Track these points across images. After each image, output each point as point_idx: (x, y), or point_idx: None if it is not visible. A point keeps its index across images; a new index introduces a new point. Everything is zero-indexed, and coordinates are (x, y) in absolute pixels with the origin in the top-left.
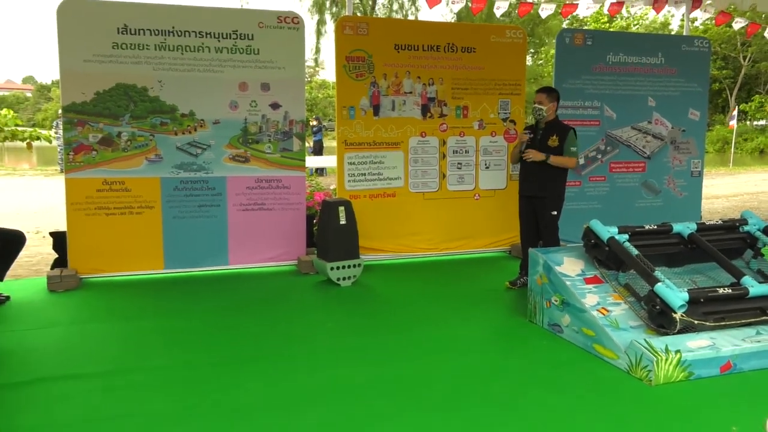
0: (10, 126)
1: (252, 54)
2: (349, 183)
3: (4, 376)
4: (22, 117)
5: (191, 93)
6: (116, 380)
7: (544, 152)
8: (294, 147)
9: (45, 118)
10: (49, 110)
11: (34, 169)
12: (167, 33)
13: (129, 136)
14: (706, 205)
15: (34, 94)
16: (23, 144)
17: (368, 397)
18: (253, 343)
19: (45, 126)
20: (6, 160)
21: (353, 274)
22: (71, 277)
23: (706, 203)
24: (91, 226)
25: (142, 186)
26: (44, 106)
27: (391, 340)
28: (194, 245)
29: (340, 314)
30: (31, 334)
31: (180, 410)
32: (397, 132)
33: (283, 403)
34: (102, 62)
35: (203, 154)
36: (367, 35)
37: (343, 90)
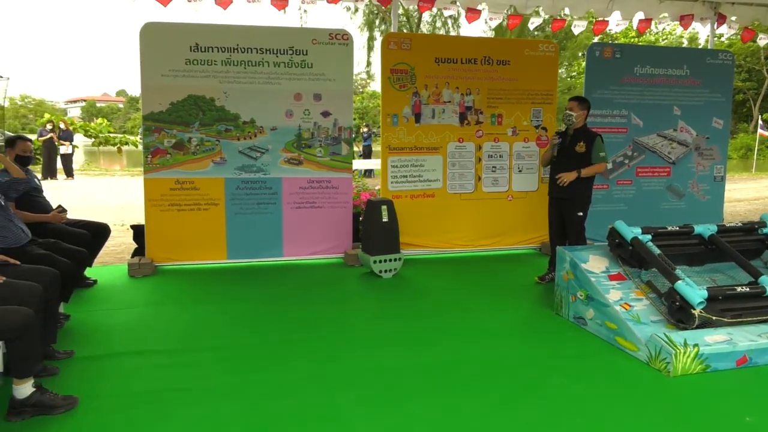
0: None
1: (306, 68)
2: (392, 184)
3: (90, 350)
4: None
5: (252, 103)
6: (182, 357)
7: (572, 157)
8: (342, 151)
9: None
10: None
11: (123, 170)
12: (232, 50)
13: (198, 141)
14: (728, 208)
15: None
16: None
17: (404, 378)
18: (303, 326)
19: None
20: (101, 162)
21: (394, 267)
22: (148, 264)
23: (728, 206)
24: (165, 221)
25: (209, 185)
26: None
27: (427, 327)
28: (253, 238)
29: (381, 303)
30: (113, 314)
31: (237, 385)
32: (436, 138)
33: (327, 381)
34: (176, 76)
35: (262, 157)
36: (410, 50)
37: (387, 99)
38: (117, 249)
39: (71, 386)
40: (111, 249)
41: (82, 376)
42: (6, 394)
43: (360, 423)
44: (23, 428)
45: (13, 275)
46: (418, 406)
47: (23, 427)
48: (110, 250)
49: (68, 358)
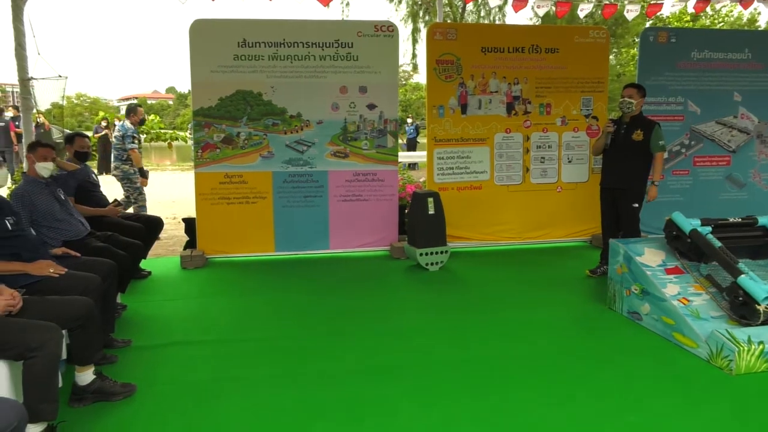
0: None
1: (351, 60)
2: (438, 176)
3: (146, 339)
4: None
5: (299, 97)
6: (234, 347)
7: (627, 146)
8: (388, 144)
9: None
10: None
11: (174, 165)
12: (279, 45)
13: (246, 135)
14: None
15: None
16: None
17: (451, 372)
18: (350, 318)
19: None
20: (152, 157)
21: (441, 260)
22: (199, 257)
23: None
24: (215, 214)
25: (257, 179)
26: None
27: (474, 320)
28: (300, 231)
29: (428, 295)
30: (166, 305)
31: (287, 376)
32: (483, 129)
33: (375, 373)
34: (225, 72)
35: (308, 150)
36: (456, 40)
37: (433, 91)
38: (169, 242)
39: (129, 374)
40: (164, 241)
41: (139, 364)
42: (69, 381)
43: (408, 416)
44: (85, 414)
45: (74, 267)
46: (467, 400)
47: (85, 412)
48: (163, 242)
49: (126, 347)
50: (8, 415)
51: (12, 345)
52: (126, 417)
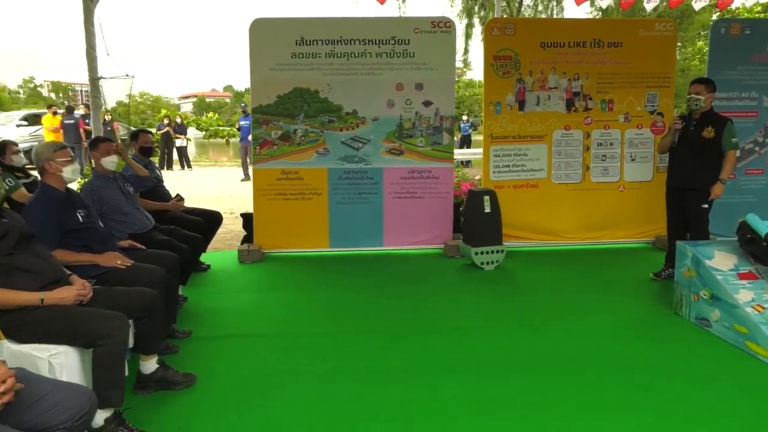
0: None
1: (408, 57)
2: (494, 174)
3: (205, 330)
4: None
5: (354, 94)
6: (290, 341)
7: (696, 143)
8: (444, 141)
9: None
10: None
11: (231, 161)
12: (336, 42)
13: (303, 132)
14: None
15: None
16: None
17: (508, 374)
18: (405, 316)
19: None
20: (210, 153)
21: (496, 259)
22: (256, 251)
23: None
24: (272, 209)
25: (313, 175)
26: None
27: (531, 322)
28: (354, 228)
29: (483, 295)
30: (225, 297)
31: (342, 371)
32: (541, 126)
33: (431, 372)
34: (283, 70)
35: (363, 147)
36: (514, 35)
37: (490, 87)
38: (227, 236)
39: (190, 364)
40: (222, 236)
41: (199, 355)
42: (134, 370)
43: (464, 418)
44: (148, 401)
45: (139, 259)
46: (525, 405)
47: (148, 400)
48: (221, 236)
49: (186, 338)
50: (81, 401)
51: (82, 333)
52: (186, 406)
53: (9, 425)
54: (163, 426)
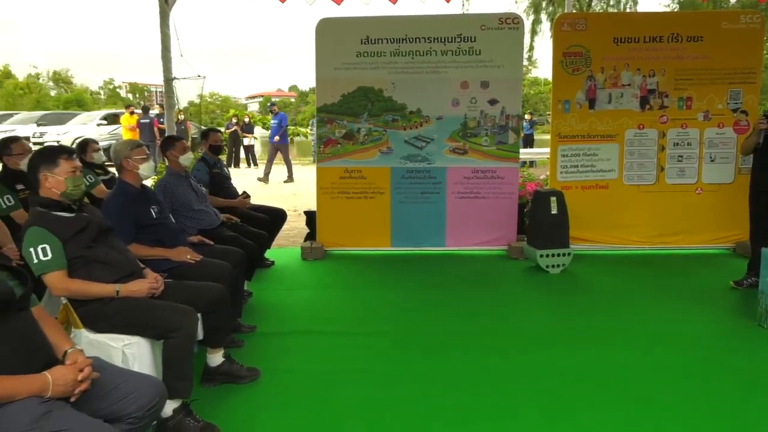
0: None
1: (474, 55)
2: (562, 174)
3: (269, 326)
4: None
5: (419, 92)
6: (352, 339)
7: None
8: (509, 140)
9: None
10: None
11: (295, 160)
12: (401, 41)
13: (366, 131)
14: None
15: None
16: None
17: (573, 382)
18: (467, 318)
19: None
20: None
21: (563, 262)
22: (318, 249)
23: None
24: (334, 208)
25: (375, 174)
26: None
27: (598, 330)
28: (416, 227)
29: (548, 299)
30: (288, 294)
31: (404, 372)
32: (612, 124)
33: (493, 377)
34: (348, 69)
35: (427, 147)
36: (585, 30)
37: (559, 85)
38: (291, 233)
39: (254, 359)
40: (285, 233)
41: (263, 350)
42: (200, 362)
43: (527, 424)
44: (214, 394)
45: (207, 254)
46: (589, 417)
47: (214, 392)
48: (285, 233)
49: (251, 332)
50: (151, 392)
51: (154, 325)
52: (251, 400)
53: (85, 412)
54: (228, 418)
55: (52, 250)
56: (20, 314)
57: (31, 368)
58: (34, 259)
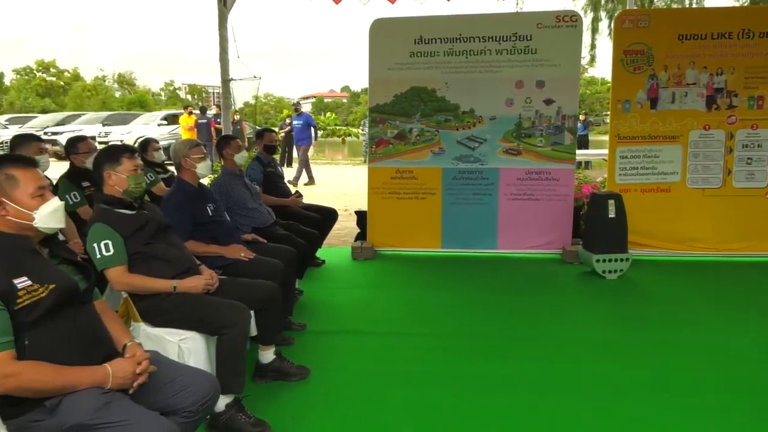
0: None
1: (529, 54)
2: (620, 176)
3: (320, 324)
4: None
5: (472, 92)
6: (401, 340)
7: None
8: (565, 141)
9: (354, 119)
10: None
11: (345, 160)
12: (455, 40)
13: (418, 132)
14: None
15: (348, 100)
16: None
17: (625, 394)
18: (517, 322)
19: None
20: (327, 152)
21: (620, 267)
22: (369, 249)
23: None
24: (385, 208)
25: (427, 175)
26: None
27: (655, 340)
28: (468, 229)
29: (603, 306)
30: (338, 293)
31: (451, 374)
32: (675, 125)
33: (541, 384)
34: (401, 69)
35: (480, 147)
36: (648, 27)
37: (618, 84)
38: (341, 232)
39: (304, 357)
40: (336, 232)
41: (313, 348)
42: (251, 359)
43: None
44: (265, 390)
45: (260, 252)
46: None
47: (265, 389)
48: (336, 233)
49: (302, 330)
50: (206, 387)
51: (209, 321)
52: (301, 398)
53: (142, 405)
54: (278, 415)
55: (114, 246)
56: (83, 307)
57: (92, 359)
58: (98, 254)
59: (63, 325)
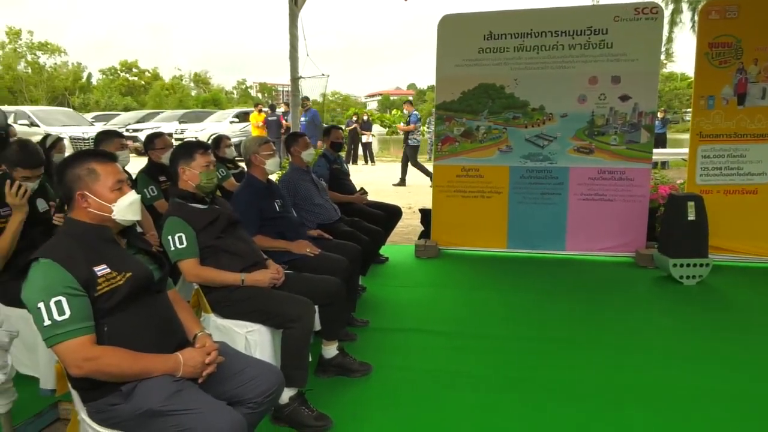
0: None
1: (605, 48)
2: (701, 177)
3: (382, 321)
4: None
5: (542, 89)
6: (462, 341)
7: None
8: (641, 139)
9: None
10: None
11: None
12: (525, 35)
13: (485, 129)
14: None
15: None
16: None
17: (707, 406)
18: (586, 328)
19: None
20: (391, 149)
21: (699, 273)
22: (432, 247)
23: None
24: (450, 206)
25: (493, 173)
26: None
27: (736, 349)
28: (535, 229)
29: (680, 313)
30: (401, 291)
31: (515, 378)
32: (766, 123)
33: (614, 393)
34: (469, 66)
35: (549, 145)
36: (737, 18)
37: (702, 79)
38: (405, 230)
39: (366, 354)
40: (400, 230)
41: (375, 345)
42: (315, 354)
43: None
44: (328, 384)
45: (325, 248)
46: None
47: (328, 384)
48: (399, 230)
49: (364, 327)
50: (271, 379)
51: (275, 314)
52: (362, 394)
53: (210, 394)
54: (339, 410)
55: (187, 239)
56: (157, 297)
57: (165, 347)
58: (171, 246)
59: (139, 313)
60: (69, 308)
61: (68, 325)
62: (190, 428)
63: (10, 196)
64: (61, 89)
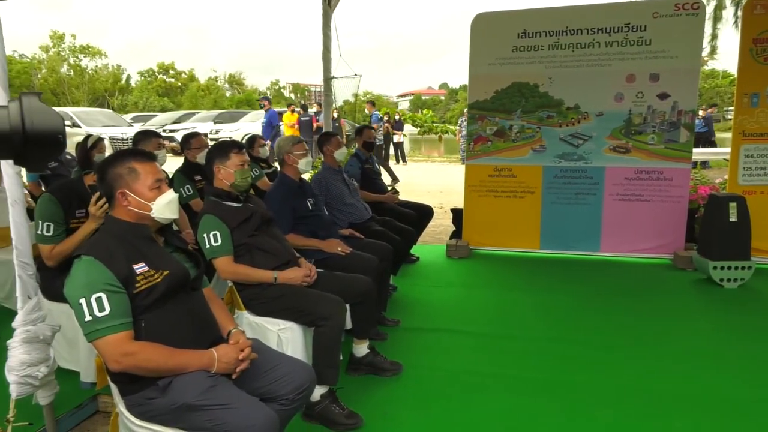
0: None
1: (643, 45)
2: (744, 177)
3: (413, 321)
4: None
5: (578, 87)
6: (493, 342)
7: None
8: (681, 138)
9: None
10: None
11: (441, 157)
12: (560, 33)
13: (519, 128)
14: None
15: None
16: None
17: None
18: (620, 331)
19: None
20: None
21: (741, 276)
22: (464, 247)
23: None
24: (482, 206)
25: (526, 173)
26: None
27: None
28: (569, 230)
29: (720, 317)
30: (432, 291)
31: (547, 381)
32: None
33: (653, 399)
34: (502, 64)
35: (584, 145)
36: None
37: (746, 76)
38: (436, 230)
39: (397, 353)
40: (431, 230)
41: (406, 345)
42: (346, 352)
43: None
44: (358, 382)
45: (357, 247)
46: None
47: (358, 382)
48: (431, 230)
49: (395, 326)
50: (303, 376)
51: (307, 312)
52: (392, 393)
53: (243, 390)
54: (370, 409)
55: (221, 237)
56: (193, 293)
57: (200, 343)
58: (207, 244)
59: (176, 310)
60: (109, 305)
61: (108, 321)
62: (224, 423)
63: (93, 206)
64: (101, 91)
